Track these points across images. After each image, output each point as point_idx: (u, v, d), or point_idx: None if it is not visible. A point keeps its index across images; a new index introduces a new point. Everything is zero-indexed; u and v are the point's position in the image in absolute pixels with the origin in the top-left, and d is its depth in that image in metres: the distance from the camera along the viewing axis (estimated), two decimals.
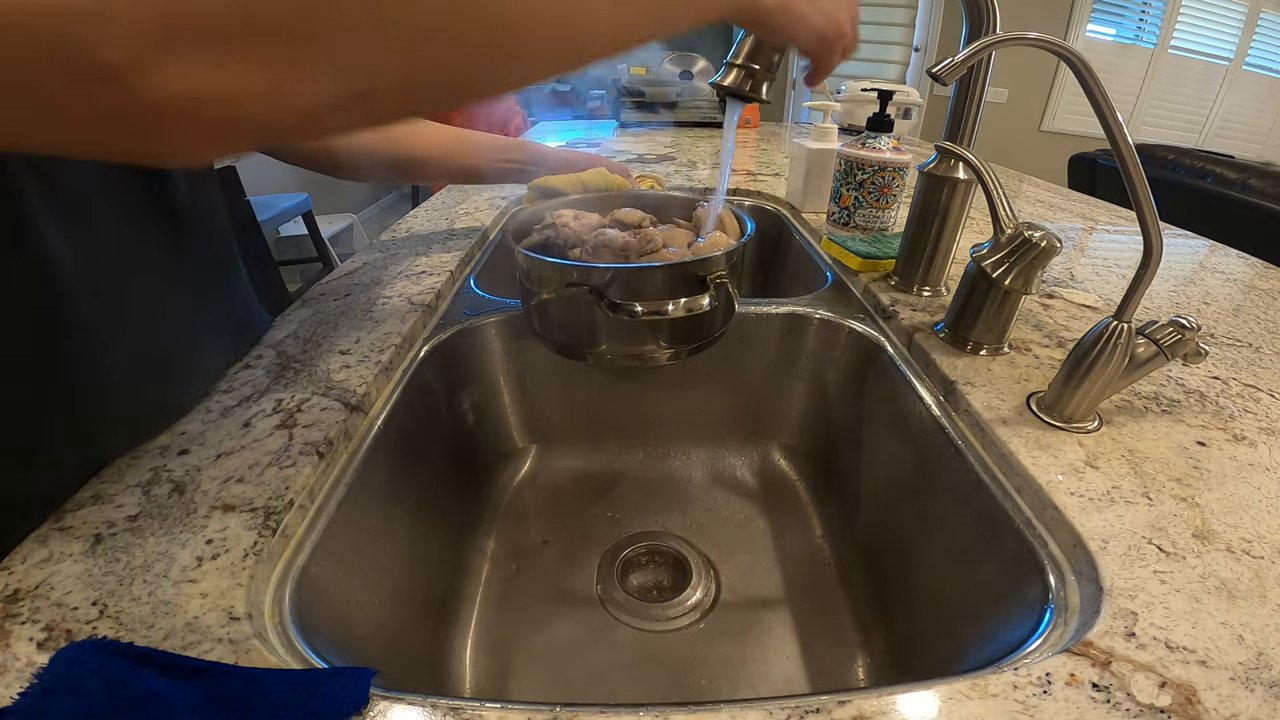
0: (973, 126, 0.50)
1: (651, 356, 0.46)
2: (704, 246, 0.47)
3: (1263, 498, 0.34)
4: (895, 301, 0.56)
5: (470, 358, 0.58)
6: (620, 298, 0.41)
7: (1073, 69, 0.33)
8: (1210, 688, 0.24)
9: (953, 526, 0.41)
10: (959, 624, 0.38)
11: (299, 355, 0.46)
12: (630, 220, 0.52)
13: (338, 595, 0.34)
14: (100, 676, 0.22)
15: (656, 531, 0.58)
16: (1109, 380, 0.38)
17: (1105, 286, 0.63)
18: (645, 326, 0.44)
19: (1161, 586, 0.28)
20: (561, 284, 0.43)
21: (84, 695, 0.21)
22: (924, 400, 0.46)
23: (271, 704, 0.23)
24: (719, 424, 0.66)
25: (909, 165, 0.70)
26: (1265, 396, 0.44)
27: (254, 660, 0.25)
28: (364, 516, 0.39)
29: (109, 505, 0.32)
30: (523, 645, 0.48)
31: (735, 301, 0.47)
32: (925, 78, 3.04)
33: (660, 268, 0.43)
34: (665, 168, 1.12)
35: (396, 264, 0.64)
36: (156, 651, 0.24)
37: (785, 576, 0.54)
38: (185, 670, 0.24)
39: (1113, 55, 3.37)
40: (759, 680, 0.46)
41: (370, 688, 0.24)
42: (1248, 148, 3.65)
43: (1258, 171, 1.66)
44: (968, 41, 0.46)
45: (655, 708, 0.24)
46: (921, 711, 0.24)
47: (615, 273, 0.42)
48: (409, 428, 0.46)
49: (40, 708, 0.21)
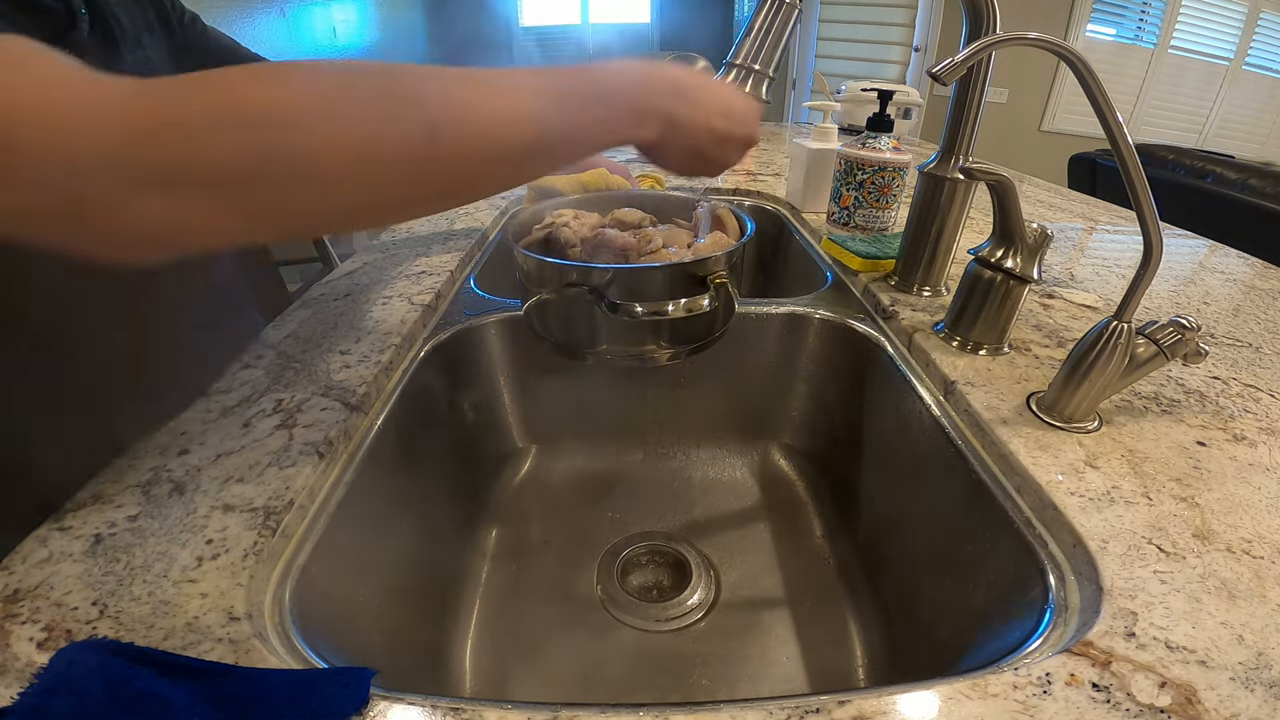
0: (973, 126, 0.50)
1: (651, 356, 0.46)
2: (704, 247, 0.47)
3: (1263, 498, 0.34)
4: (895, 301, 0.56)
5: (470, 358, 0.58)
6: (620, 298, 0.41)
7: (1073, 69, 0.33)
8: (1210, 688, 0.24)
9: (953, 526, 0.41)
10: (959, 624, 0.38)
11: (299, 355, 0.46)
12: (630, 220, 0.51)
13: (338, 595, 0.34)
14: (100, 676, 0.22)
15: (656, 531, 0.58)
16: (1109, 380, 0.38)
17: (1105, 286, 0.63)
18: (645, 326, 0.44)
19: (1161, 586, 0.28)
20: (561, 284, 0.43)
21: (84, 695, 0.21)
22: (924, 400, 0.46)
23: (271, 703, 0.23)
24: (719, 424, 0.66)
25: (909, 165, 0.70)
26: (1265, 396, 0.44)
27: (254, 660, 0.25)
28: (364, 516, 0.39)
29: (109, 505, 0.32)
30: (523, 645, 0.48)
31: (735, 301, 0.47)
32: (925, 78, 3.04)
33: (660, 268, 0.43)
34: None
35: (396, 264, 0.64)
36: (156, 651, 0.24)
37: (785, 576, 0.54)
38: (185, 670, 0.24)
39: (1113, 55, 3.37)
40: (759, 680, 0.46)
41: (370, 688, 0.24)
42: (1248, 148, 3.65)
43: (1258, 171, 1.66)
44: (968, 41, 0.46)
45: (655, 708, 0.24)
46: (921, 711, 0.24)
47: (615, 273, 0.42)
48: (409, 428, 0.46)
49: (40, 707, 0.21)
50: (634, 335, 0.45)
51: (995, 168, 0.42)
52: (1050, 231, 0.44)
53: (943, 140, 0.52)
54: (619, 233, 0.48)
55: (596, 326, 0.45)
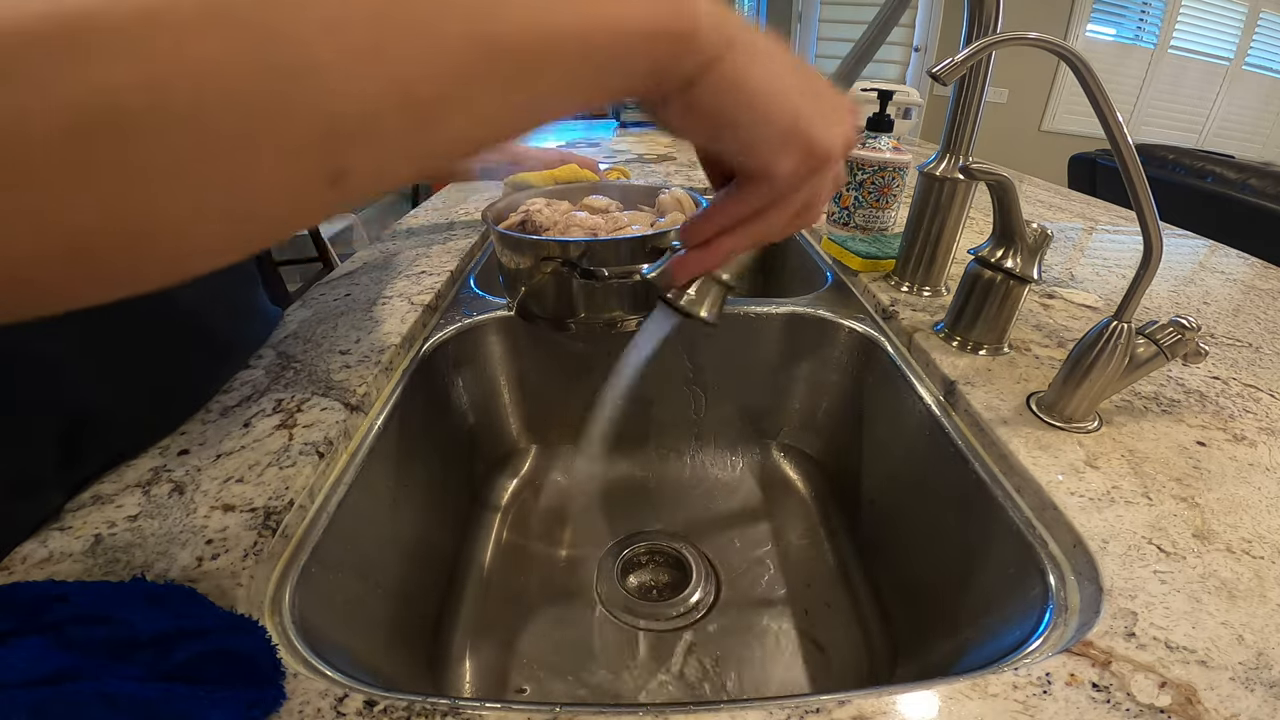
0: (973, 126, 0.50)
1: (624, 320, 0.52)
2: (665, 224, 0.52)
3: (1263, 498, 0.34)
4: (895, 301, 0.56)
5: (470, 358, 0.58)
6: (592, 266, 0.46)
7: (1073, 69, 0.33)
8: (1210, 688, 0.24)
9: (953, 526, 0.41)
10: (959, 624, 0.38)
11: (299, 355, 0.46)
12: (598, 206, 0.55)
13: (338, 595, 0.34)
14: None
15: (657, 531, 0.58)
16: (1109, 380, 0.38)
17: (1105, 286, 0.63)
18: (615, 293, 0.50)
19: (1161, 586, 0.28)
20: (538, 259, 0.47)
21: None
22: (924, 400, 0.46)
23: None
24: (719, 424, 0.66)
25: (909, 165, 0.70)
26: (1265, 396, 0.44)
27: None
28: (364, 516, 0.39)
29: (109, 505, 0.32)
30: (523, 645, 0.48)
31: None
32: (925, 78, 3.04)
33: (626, 240, 0.48)
34: (665, 168, 1.12)
35: (396, 264, 0.64)
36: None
37: (785, 576, 0.54)
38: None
39: (1113, 55, 3.37)
40: (759, 680, 0.46)
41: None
42: (1248, 148, 3.65)
43: (1258, 171, 1.66)
44: (968, 41, 0.46)
45: (655, 708, 0.24)
46: (921, 711, 0.24)
47: (587, 246, 0.46)
48: (409, 428, 0.46)
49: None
50: (608, 302, 0.50)
51: (995, 168, 0.42)
52: (1050, 231, 0.44)
53: (943, 140, 0.52)
54: (589, 215, 0.52)
55: (575, 298, 0.50)
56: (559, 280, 0.48)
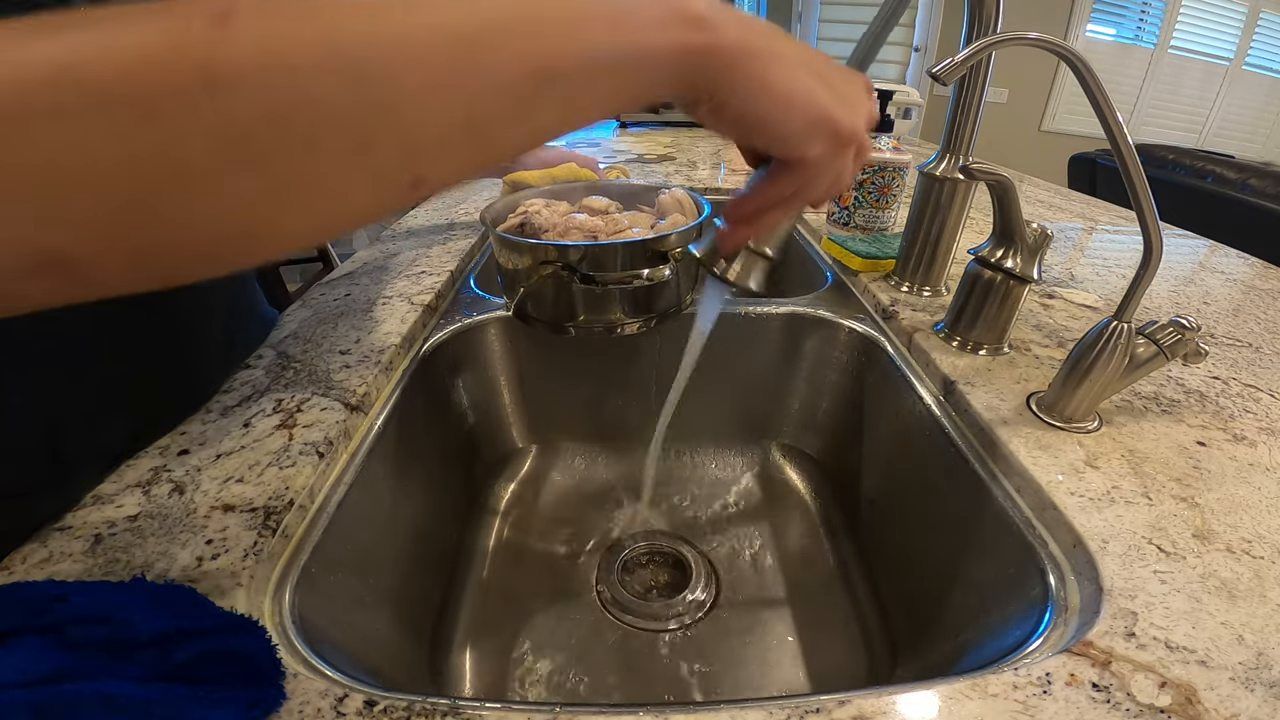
0: (973, 126, 0.50)
1: (624, 324, 0.51)
2: (665, 227, 0.51)
3: (1263, 498, 0.34)
4: (895, 301, 0.56)
5: (470, 358, 0.58)
6: (591, 271, 0.46)
7: (1073, 69, 0.33)
8: (1210, 688, 0.24)
9: (953, 526, 0.41)
10: (959, 624, 0.38)
11: (299, 355, 0.46)
12: (597, 207, 0.55)
13: (338, 595, 0.34)
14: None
15: (656, 531, 0.58)
16: (1109, 380, 0.38)
17: (1105, 286, 0.63)
18: (616, 298, 0.50)
19: (1161, 586, 0.28)
20: (537, 263, 0.47)
21: None
22: (924, 400, 0.46)
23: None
24: (719, 424, 0.66)
25: (909, 165, 0.70)
26: (1265, 396, 0.44)
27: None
28: (364, 516, 0.39)
29: (109, 505, 0.32)
30: (523, 645, 0.48)
31: (695, 276, 0.51)
32: (925, 78, 3.04)
33: (625, 244, 0.47)
34: (665, 168, 1.12)
35: (396, 264, 0.64)
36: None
37: (785, 576, 0.54)
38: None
39: (1113, 55, 3.37)
40: (759, 680, 0.46)
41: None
42: (1248, 148, 3.65)
43: (1258, 171, 1.66)
44: (968, 41, 0.46)
45: (655, 707, 0.24)
46: (921, 711, 0.24)
47: (586, 250, 0.46)
48: (409, 428, 0.46)
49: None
50: (607, 306, 0.50)
51: (995, 168, 0.42)
52: (1050, 231, 0.44)
53: (943, 140, 0.52)
54: (588, 217, 0.52)
55: (574, 301, 0.49)
56: (558, 283, 0.48)
